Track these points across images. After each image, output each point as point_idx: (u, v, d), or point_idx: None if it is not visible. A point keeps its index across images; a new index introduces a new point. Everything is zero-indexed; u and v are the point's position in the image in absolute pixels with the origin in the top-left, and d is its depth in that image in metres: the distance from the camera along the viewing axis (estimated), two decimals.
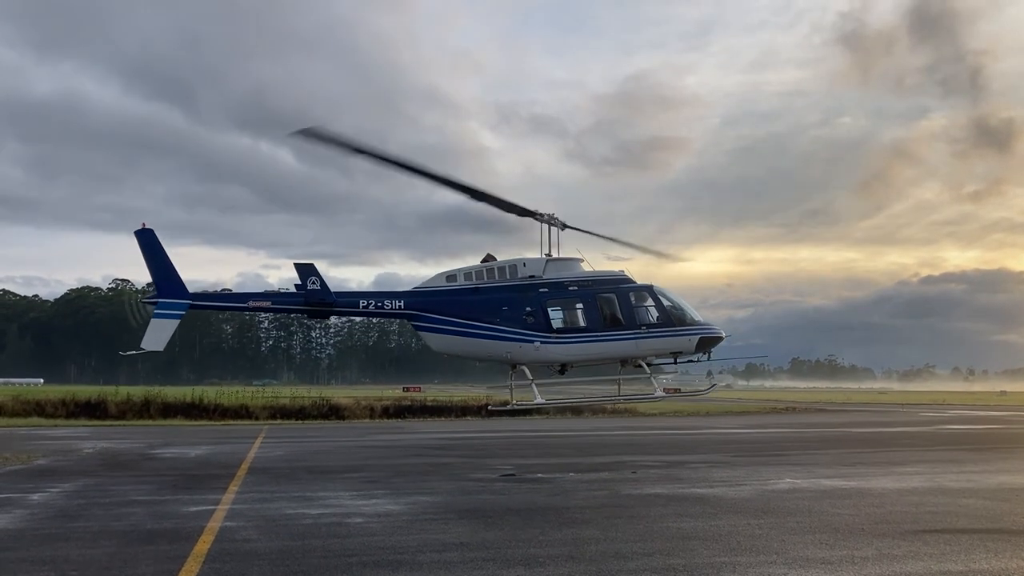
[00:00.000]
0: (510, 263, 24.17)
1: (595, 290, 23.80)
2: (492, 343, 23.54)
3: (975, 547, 11.59)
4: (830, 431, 41.16)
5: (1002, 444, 31.78)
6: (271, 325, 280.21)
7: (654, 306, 23.82)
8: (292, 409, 54.67)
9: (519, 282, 23.80)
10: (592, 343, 23.48)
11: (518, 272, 23.95)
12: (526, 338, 23.28)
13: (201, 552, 11.25)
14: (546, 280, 23.82)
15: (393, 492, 17.74)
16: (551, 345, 23.35)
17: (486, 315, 23.48)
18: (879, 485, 18.66)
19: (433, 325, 23.80)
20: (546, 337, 23.27)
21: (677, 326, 23.70)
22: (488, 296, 23.65)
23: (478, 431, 41.42)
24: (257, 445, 31.44)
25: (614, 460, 25.10)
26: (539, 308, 23.41)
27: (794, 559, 10.83)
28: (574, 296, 23.76)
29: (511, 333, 23.36)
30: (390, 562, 10.66)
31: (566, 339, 23.43)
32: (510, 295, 23.62)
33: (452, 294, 23.87)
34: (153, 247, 23.28)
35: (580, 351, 23.55)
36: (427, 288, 24.15)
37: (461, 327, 23.59)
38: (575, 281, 24.02)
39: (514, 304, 23.49)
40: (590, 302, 23.65)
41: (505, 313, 23.43)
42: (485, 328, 23.47)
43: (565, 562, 10.66)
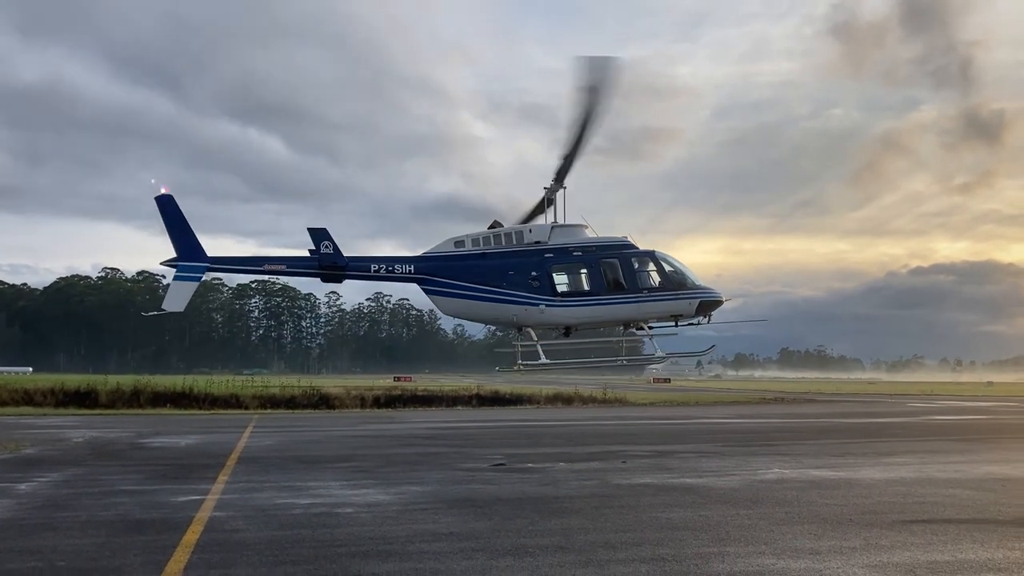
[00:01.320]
0: (516, 229, 24.88)
1: (599, 255, 24.48)
2: (499, 306, 24.19)
3: (962, 537, 11.67)
4: (819, 421, 41.34)
5: (989, 435, 31.99)
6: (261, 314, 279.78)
7: (656, 271, 24.54)
8: (282, 398, 54.52)
9: (525, 247, 24.45)
10: (595, 306, 24.21)
11: (524, 238, 24.65)
12: (532, 301, 23.95)
13: (190, 542, 11.24)
14: (551, 246, 24.45)
15: (383, 482, 17.75)
16: (556, 308, 24.03)
17: (493, 279, 24.11)
18: (867, 475, 18.76)
19: (442, 289, 24.30)
20: (551, 300, 23.97)
21: (678, 290, 24.42)
22: (495, 261, 24.29)
23: (469, 421, 41.45)
24: (247, 434, 31.40)
25: (604, 450, 25.16)
26: (544, 273, 24.08)
27: (782, 549, 10.88)
28: (578, 261, 24.47)
29: (517, 297, 24.02)
30: (379, 552, 10.67)
31: (570, 303, 24.15)
32: (516, 260, 24.26)
33: (460, 259, 24.41)
34: (172, 212, 23.66)
35: (584, 314, 24.28)
36: (436, 253, 24.61)
37: (469, 291, 24.18)
38: (579, 247, 24.67)
39: (520, 269, 24.14)
40: (594, 267, 24.32)
41: (511, 277, 24.08)
42: (492, 292, 24.09)
43: (555, 552, 10.69)
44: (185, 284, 23.45)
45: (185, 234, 23.61)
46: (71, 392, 51.61)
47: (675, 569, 9.77)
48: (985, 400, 72.67)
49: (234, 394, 54.94)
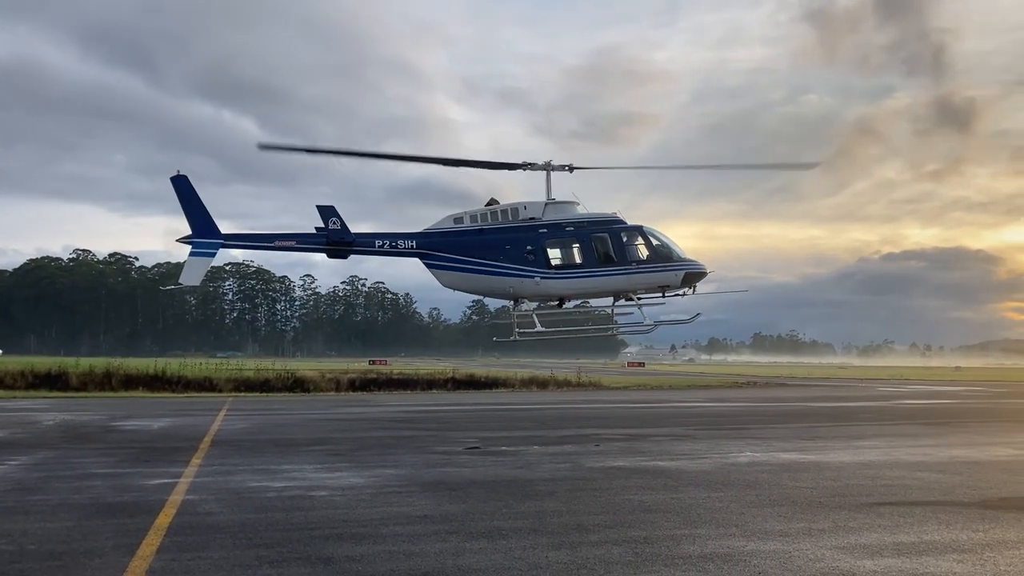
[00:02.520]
0: (512, 206, 26.08)
1: (590, 230, 25.76)
2: (496, 279, 25.48)
3: (928, 519, 11.87)
4: (790, 405, 41.79)
5: (956, 418, 32.49)
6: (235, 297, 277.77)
7: (644, 244, 25.87)
8: (256, 382, 54.32)
9: (521, 223, 25.70)
10: (587, 278, 25.54)
11: (520, 214, 25.84)
12: (527, 274, 25.25)
13: (163, 525, 11.20)
14: (545, 221, 25.70)
15: (357, 465, 17.76)
16: (550, 280, 25.39)
17: (490, 253, 25.37)
18: (837, 458, 19.02)
19: (442, 263, 25.53)
20: (545, 273, 25.28)
21: (665, 262, 25.84)
22: (492, 236, 25.54)
23: (444, 404, 41.51)
24: (221, 417, 31.25)
25: (578, 433, 25.31)
26: (539, 247, 25.37)
27: (753, 531, 11.02)
28: (571, 236, 25.70)
29: (513, 270, 25.32)
30: (353, 535, 10.70)
31: (564, 275, 25.48)
32: (513, 235, 25.54)
33: (459, 234, 25.66)
34: (187, 192, 24.52)
35: (576, 286, 25.67)
36: (436, 229, 25.82)
37: (468, 264, 25.45)
38: (572, 222, 25.90)
39: (516, 243, 25.42)
40: (585, 241, 25.60)
41: (508, 252, 25.37)
42: (490, 265, 25.37)
43: (528, 534, 10.76)
44: (201, 259, 24.45)
45: (200, 212, 24.41)
46: (41, 375, 51.09)
47: (647, 551, 9.87)
48: (953, 385, 73.76)
49: (208, 377, 54.66)
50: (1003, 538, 10.68)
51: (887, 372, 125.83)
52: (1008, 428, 27.93)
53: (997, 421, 31.27)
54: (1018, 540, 10.57)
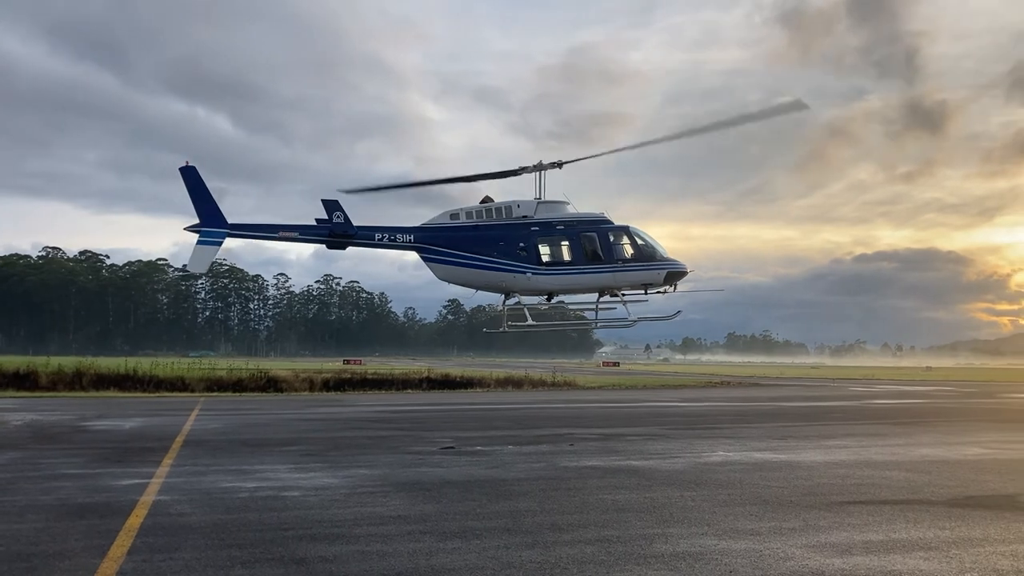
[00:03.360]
0: (506, 204, 27.22)
1: (579, 229, 27.04)
2: (489, 273, 26.65)
3: (896, 518, 12.03)
4: (763, 405, 42.11)
5: (925, 418, 32.90)
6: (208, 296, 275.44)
7: (629, 244, 27.14)
8: (229, 381, 53.96)
9: (514, 221, 26.87)
10: (576, 275, 26.81)
11: (513, 212, 27.00)
12: (519, 270, 26.49)
13: (134, 526, 11.11)
14: (537, 219, 26.91)
15: (331, 465, 17.70)
16: (541, 276, 26.66)
17: (485, 249, 26.55)
18: (808, 458, 19.20)
19: (438, 257, 26.66)
20: (536, 269, 26.56)
21: (648, 261, 27.16)
22: (487, 233, 26.69)
23: (418, 404, 41.44)
24: (193, 417, 31.00)
25: (552, 433, 25.37)
26: (531, 244, 26.61)
27: (724, 530, 11.12)
28: (561, 234, 26.93)
29: (506, 265, 26.52)
30: (326, 535, 10.67)
31: (554, 271, 26.70)
32: (506, 232, 26.69)
33: (455, 230, 26.76)
34: (195, 182, 25.40)
35: (565, 282, 26.91)
36: (433, 224, 26.89)
37: (463, 259, 26.58)
38: (562, 221, 27.12)
39: (509, 240, 26.60)
40: (574, 239, 26.85)
41: (501, 248, 26.55)
42: (484, 260, 26.56)
43: (502, 534, 10.79)
44: (207, 248, 25.27)
45: (207, 202, 25.26)
46: (9, 374, 50.41)
47: (620, 550, 9.93)
48: (923, 385, 74.67)
49: (180, 377, 54.21)
50: (969, 536, 10.85)
51: (859, 372, 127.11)
52: (976, 427, 28.32)
53: (966, 420, 31.69)
54: (984, 538, 10.74)
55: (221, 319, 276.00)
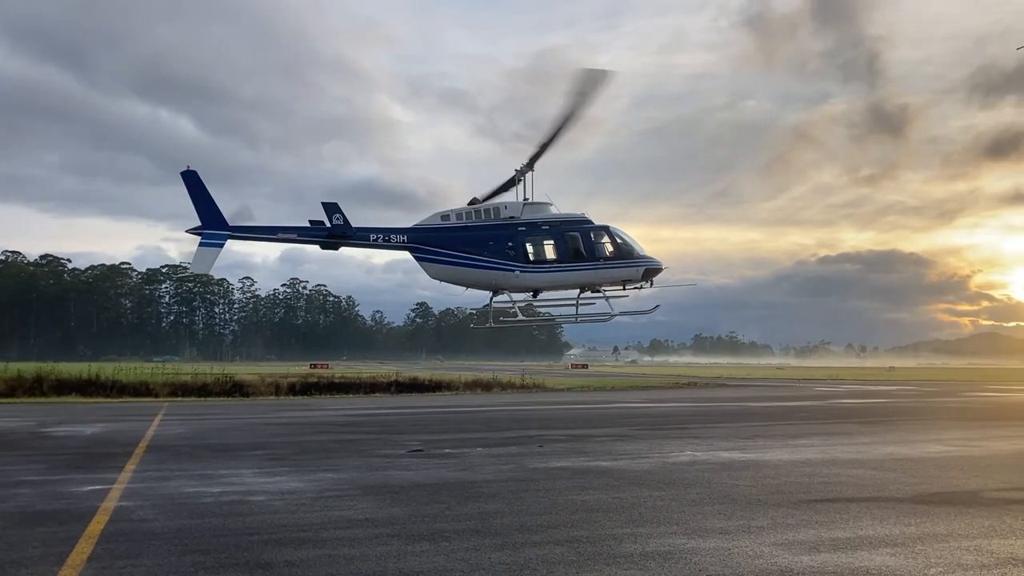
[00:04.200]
0: (494, 205, 28.39)
1: (562, 228, 28.23)
2: (479, 271, 27.75)
3: (862, 515, 12.12)
4: (730, 405, 42.39)
5: (889, 417, 33.30)
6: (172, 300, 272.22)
7: (609, 242, 28.33)
8: (194, 386, 53.18)
9: (502, 221, 28.04)
10: (560, 272, 28.04)
11: (500, 213, 28.17)
12: (507, 268, 27.64)
13: (94, 533, 10.88)
14: (523, 220, 28.10)
15: (297, 469, 17.50)
16: (528, 274, 27.81)
17: (475, 248, 27.64)
18: (775, 457, 19.33)
19: (431, 256, 27.72)
20: (524, 267, 27.71)
21: (627, 259, 28.30)
22: (477, 233, 27.82)
23: (387, 408, 41.19)
24: (157, 422, 30.55)
25: (521, 435, 25.32)
26: (518, 243, 27.77)
27: (693, 529, 11.13)
28: (546, 233, 28.13)
29: (496, 264, 27.65)
30: (292, 540, 10.52)
31: (540, 269, 27.87)
32: (495, 232, 27.85)
33: (447, 231, 27.85)
34: (197, 186, 25.96)
35: (551, 279, 28.10)
36: (426, 225, 27.94)
37: (454, 258, 27.66)
38: (547, 221, 28.32)
39: (498, 240, 27.74)
40: (559, 238, 28.05)
41: (491, 247, 27.67)
42: (475, 259, 27.65)
43: (471, 536, 10.71)
44: (210, 249, 25.94)
45: (208, 205, 25.87)
46: None
47: (589, 551, 9.90)
48: (887, 384, 75.65)
49: (143, 381, 53.33)
50: (934, 531, 10.96)
51: (823, 372, 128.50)
52: (939, 425, 28.71)
53: (928, 419, 32.13)
54: (948, 533, 10.86)
55: (186, 323, 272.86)
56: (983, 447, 21.43)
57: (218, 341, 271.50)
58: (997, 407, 40.60)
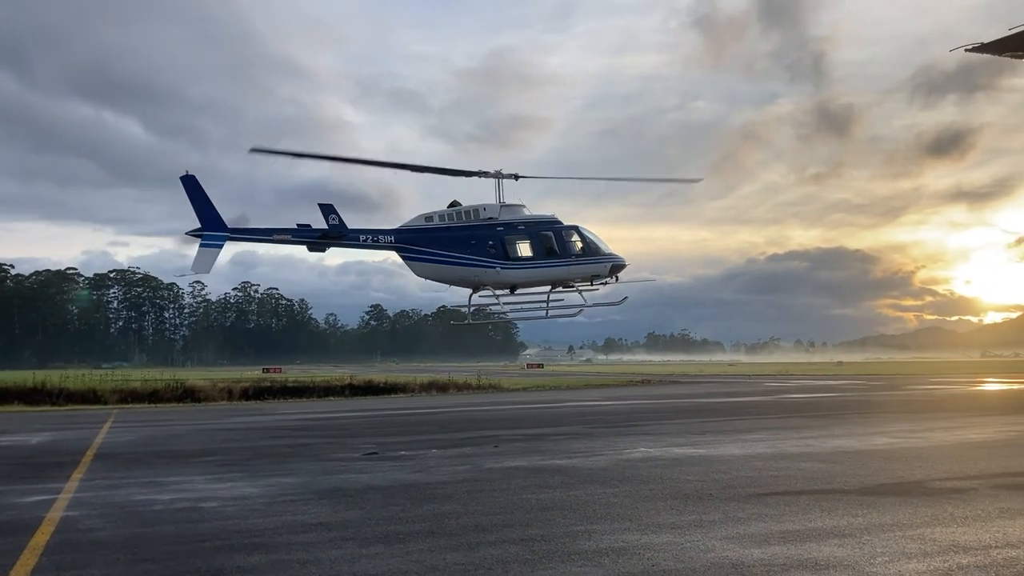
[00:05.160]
0: (474, 207, 30.02)
1: (537, 228, 30.05)
2: (463, 269, 29.35)
3: (811, 507, 12.35)
4: (682, 402, 42.86)
5: (837, 411, 33.93)
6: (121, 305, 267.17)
7: (579, 240, 30.26)
8: (144, 392, 52.30)
9: (483, 222, 29.68)
10: (537, 269, 29.89)
11: (480, 215, 29.82)
12: (489, 265, 29.26)
13: (39, 544, 10.66)
14: (501, 220, 29.82)
15: (250, 475, 17.31)
16: (508, 271, 29.54)
17: (459, 248, 29.20)
18: (726, 452, 19.59)
19: (416, 255, 29.24)
20: (504, 264, 29.39)
21: (595, 255, 30.34)
22: (460, 233, 29.41)
23: (341, 411, 40.91)
24: (105, 430, 29.99)
25: (477, 435, 25.33)
26: (499, 242, 29.43)
27: (646, 525, 11.24)
28: (523, 233, 29.85)
29: (478, 261, 29.23)
30: (245, 545, 10.42)
31: (519, 266, 29.63)
32: (477, 232, 29.46)
33: (431, 231, 29.40)
34: (196, 190, 26.96)
35: (528, 275, 29.96)
36: (411, 226, 29.50)
37: (439, 257, 29.21)
38: (523, 221, 30.12)
39: (480, 239, 29.36)
40: (535, 238, 29.82)
41: (473, 246, 29.25)
42: (458, 258, 29.20)
43: (426, 537, 10.70)
44: (209, 251, 26.92)
45: (207, 208, 26.85)
46: None
47: (544, 549, 9.95)
48: (835, 379, 77.03)
49: (92, 389, 52.30)
50: (879, 522, 11.21)
51: (773, 368, 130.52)
52: (885, 418, 29.32)
53: (875, 412, 32.82)
54: (893, 523, 11.11)
55: (135, 329, 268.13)
56: (927, 438, 21.95)
57: (168, 346, 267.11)
58: (940, 399, 41.61)
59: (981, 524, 10.96)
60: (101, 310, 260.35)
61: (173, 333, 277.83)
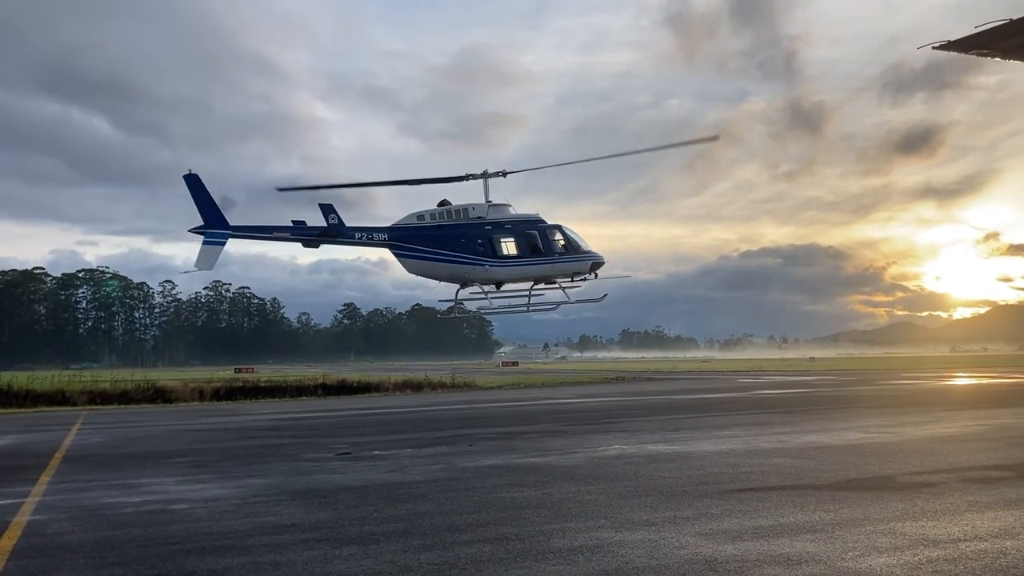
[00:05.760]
0: (462, 207, 30.92)
1: (523, 227, 31.14)
2: (454, 266, 30.32)
3: (784, 503, 12.43)
4: (657, 399, 43.01)
5: (809, 407, 34.21)
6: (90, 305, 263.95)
7: (562, 239, 31.42)
8: (114, 393, 51.70)
9: (472, 221, 30.63)
10: (523, 266, 30.96)
11: (469, 214, 30.75)
12: (478, 262, 30.26)
13: (5, 549, 10.48)
14: (489, 219, 30.76)
15: (222, 476, 17.15)
16: (496, 268, 30.60)
17: (449, 245, 30.16)
18: (700, 448, 19.68)
19: (409, 253, 30.08)
20: (493, 262, 30.40)
21: (577, 253, 31.61)
22: (450, 231, 30.35)
23: (314, 411, 40.66)
24: (74, 432, 29.59)
25: (452, 434, 25.27)
26: (487, 240, 30.47)
27: (621, 522, 11.26)
28: (509, 231, 30.89)
29: (468, 259, 30.23)
30: (216, 548, 10.30)
31: (506, 263, 30.70)
32: (466, 231, 30.41)
33: (423, 229, 30.28)
34: (199, 189, 27.65)
35: (515, 272, 31.05)
36: (404, 225, 30.37)
37: (431, 254, 30.11)
38: (509, 220, 31.16)
39: (469, 237, 30.34)
40: (520, 236, 30.89)
41: (463, 244, 30.22)
42: (449, 255, 30.15)
43: (399, 537, 10.64)
44: (212, 247, 27.72)
45: (210, 206, 27.60)
46: None
47: (518, 547, 9.93)
48: (807, 375, 77.70)
49: (60, 390, 51.60)
50: (851, 516, 11.30)
51: (747, 364, 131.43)
52: (856, 414, 29.59)
53: (847, 407, 33.10)
54: (864, 518, 11.21)
55: (104, 329, 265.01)
56: (898, 433, 22.18)
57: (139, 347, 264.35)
58: (911, 394, 42.08)
59: (950, 518, 11.08)
60: (70, 310, 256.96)
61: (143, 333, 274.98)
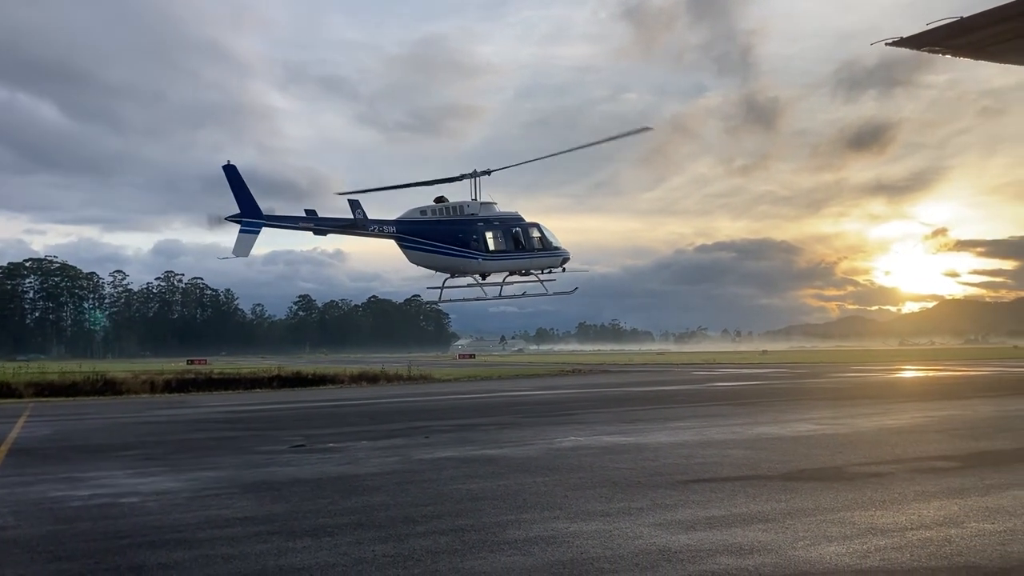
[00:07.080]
0: (459, 204, 33.98)
1: (508, 224, 34.61)
2: (452, 258, 33.33)
3: (736, 493, 12.59)
4: (612, 391, 43.31)
5: (762, 398, 34.70)
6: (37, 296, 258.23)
7: (540, 236, 35.07)
8: (62, 385, 50.74)
9: (467, 217, 33.65)
10: (509, 260, 34.48)
11: (464, 211, 33.72)
12: (473, 256, 33.43)
13: None
14: (481, 217, 33.91)
15: (173, 469, 16.89)
16: (487, 261, 33.91)
17: (449, 239, 33.12)
18: (655, 440, 19.85)
19: (413, 245, 32.85)
20: (485, 255, 33.67)
21: (551, 249, 35.30)
22: (450, 226, 33.35)
23: (268, 403, 40.25)
24: (20, 425, 28.93)
25: (407, 426, 25.19)
26: (481, 236, 33.74)
27: (576, 513, 11.31)
28: (498, 228, 34.22)
29: (464, 252, 33.29)
30: (167, 541, 10.15)
31: (495, 257, 34.07)
32: (463, 226, 33.42)
33: (426, 223, 33.15)
34: (236, 179, 29.39)
35: (503, 265, 34.52)
36: (409, 218, 33.19)
37: (432, 247, 32.98)
38: (497, 218, 34.41)
39: (466, 232, 33.37)
40: (506, 232, 34.26)
41: (460, 239, 33.25)
42: (448, 248, 33.11)
43: (354, 530, 10.58)
44: (248, 236, 29.53)
45: (246, 196, 29.32)
46: None
47: (474, 538, 9.93)
48: (760, 367, 78.79)
49: (5, 381, 50.51)
50: (802, 507, 11.49)
51: (701, 357, 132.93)
52: (808, 406, 30.07)
53: (798, 400, 33.64)
54: (815, 508, 11.39)
55: (52, 320, 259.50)
56: (848, 425, 22.59)
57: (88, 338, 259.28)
58: (861, 386, 42.89)
59: (898, 507, 11.32)
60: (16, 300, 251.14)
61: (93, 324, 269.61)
